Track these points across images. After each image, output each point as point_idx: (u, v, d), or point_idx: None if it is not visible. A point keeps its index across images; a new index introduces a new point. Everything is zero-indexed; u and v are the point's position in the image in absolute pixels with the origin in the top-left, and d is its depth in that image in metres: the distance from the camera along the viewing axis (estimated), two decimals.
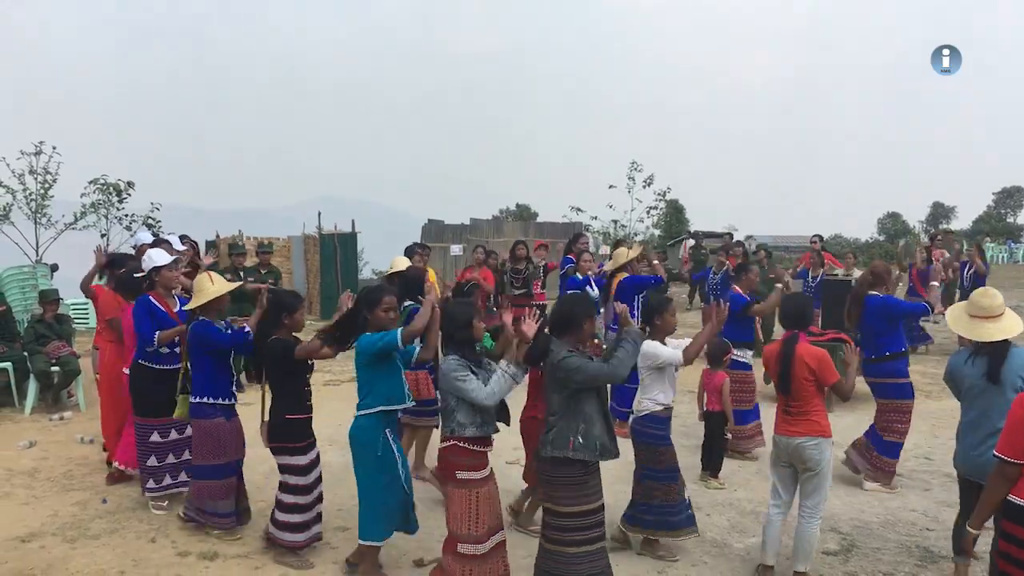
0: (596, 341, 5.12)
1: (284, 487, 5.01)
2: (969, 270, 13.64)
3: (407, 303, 6.04)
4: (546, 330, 4.26)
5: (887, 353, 6.43)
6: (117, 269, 6.91)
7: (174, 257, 6.29)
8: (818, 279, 12.28)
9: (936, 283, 6.84)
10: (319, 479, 5.16)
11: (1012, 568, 3.28)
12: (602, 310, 8.24)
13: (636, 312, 7.36)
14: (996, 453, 3.37)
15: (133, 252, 8.53)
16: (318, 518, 5.17)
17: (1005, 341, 4.30)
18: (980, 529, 3.57)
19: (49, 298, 9.53)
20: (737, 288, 7.35)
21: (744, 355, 7.35)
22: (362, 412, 4.61)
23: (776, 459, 4.86)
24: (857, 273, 12.29)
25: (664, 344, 5.20)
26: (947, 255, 15.53)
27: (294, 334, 5.07)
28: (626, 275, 8.15)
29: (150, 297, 5.92)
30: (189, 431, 5.61)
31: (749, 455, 7.28)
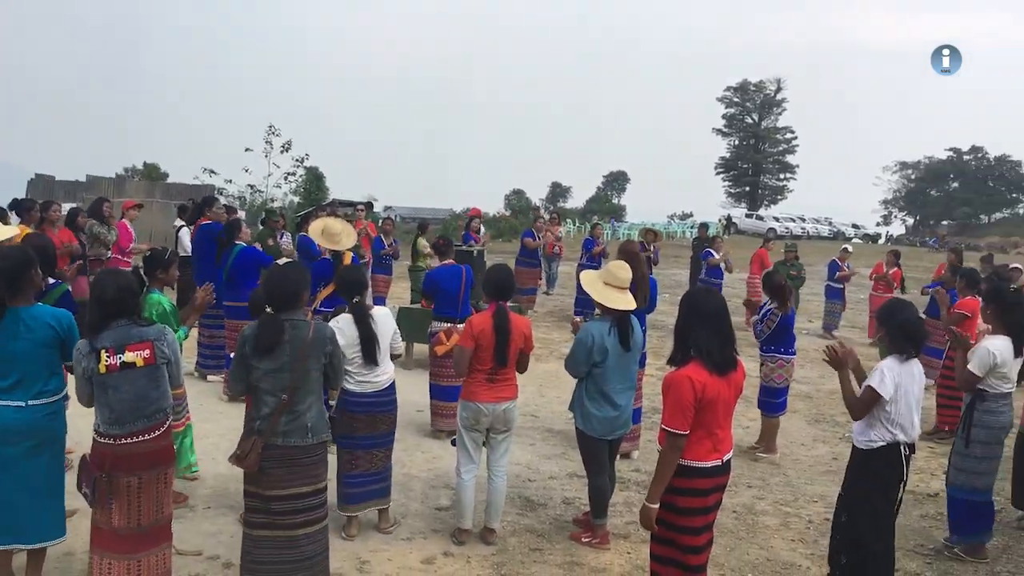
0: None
1: None
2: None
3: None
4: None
5: None
6: None
7: None
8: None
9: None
10: None
11: (678, 517, 3.55)
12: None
13: None
14: (664, 426, 3.48)
15: None
16: None
17: (628, 311, 4.79)
18: (657, 502, 3.55)
19: None
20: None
21: None
22: None
23: (473, 425, 4.90)
24: None
25: None
26: (562, 233, 17.17)
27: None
28: None
29: None
30: None
31: None
